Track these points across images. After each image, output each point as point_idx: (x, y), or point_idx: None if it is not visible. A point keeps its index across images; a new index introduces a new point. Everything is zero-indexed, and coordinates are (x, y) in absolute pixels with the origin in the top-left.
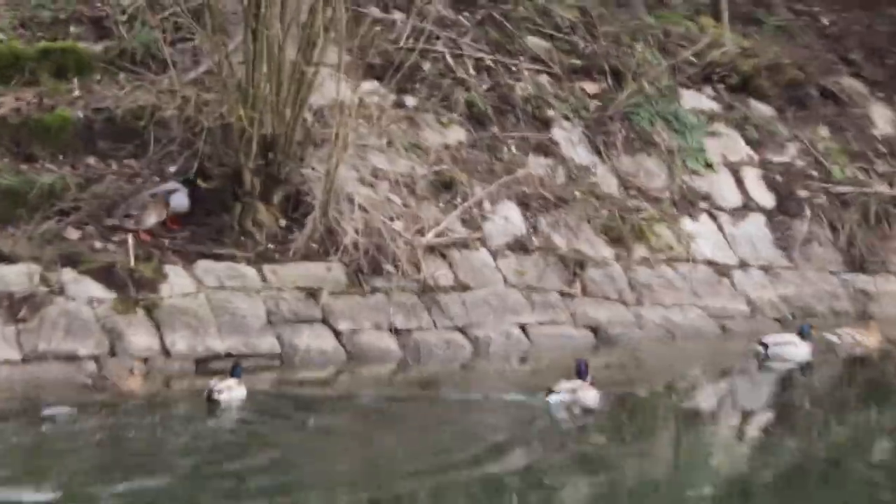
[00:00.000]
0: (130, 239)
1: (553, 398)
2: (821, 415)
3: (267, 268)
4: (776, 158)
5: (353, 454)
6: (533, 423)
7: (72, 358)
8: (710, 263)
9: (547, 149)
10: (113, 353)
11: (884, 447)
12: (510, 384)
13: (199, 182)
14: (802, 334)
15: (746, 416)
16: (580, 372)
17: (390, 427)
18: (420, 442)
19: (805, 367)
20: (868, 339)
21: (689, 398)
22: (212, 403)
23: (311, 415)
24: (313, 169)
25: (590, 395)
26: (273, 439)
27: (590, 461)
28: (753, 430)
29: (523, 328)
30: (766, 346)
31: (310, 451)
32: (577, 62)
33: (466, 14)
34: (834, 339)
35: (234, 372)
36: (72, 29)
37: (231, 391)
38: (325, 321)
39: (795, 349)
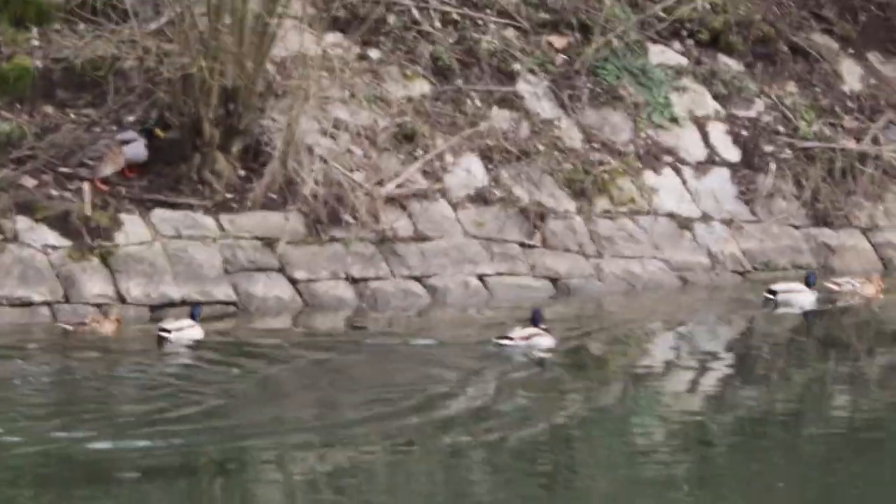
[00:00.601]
0: (87, 187)
1: (508, 343)
2: (781, 364)
3: (224, 217)
4: (743, 113)
5: (305, 399)
6: (486, 369)
7: (26, 304)
8: (672, 216)
9: (511, 102)
10: (67, 299)
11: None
12: (466, 332)
13: (158, 132)
14: (809, 283)
15: (705, 365)
16: (535, 319)
17: (343, 373)
18: (373, 388)
19: (809, 314)
20: (867, 289)
21: (646, 348)
22: (162, 342)
23: (264, 361)
24: (274, 120)
25: (544, 341)
26: (226, 385)
27: (541, 408)
28: (712, 379)
29: (482, 278)
30: (775, 293)
31: (262, 397)
32: (545, 16)
33: None
34: (835, 288)
35: (192, 313)
36: None
37: (182, 331)
38: (282, 270)
39: (803, 297)
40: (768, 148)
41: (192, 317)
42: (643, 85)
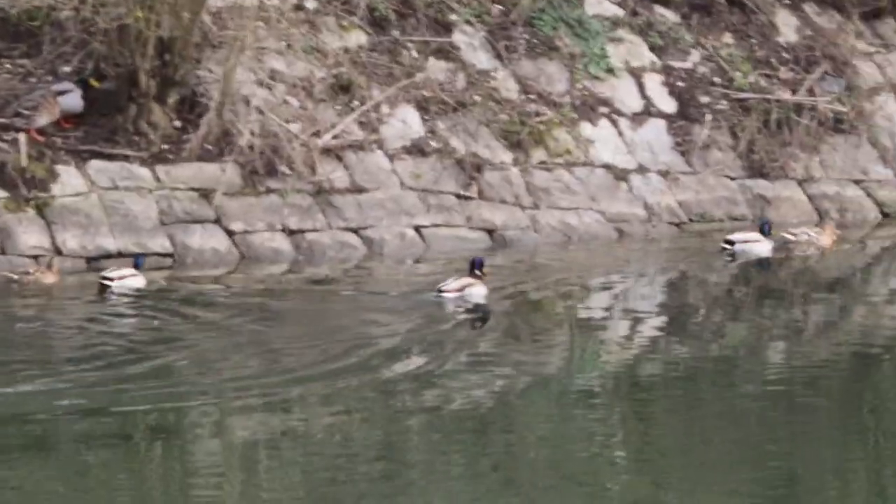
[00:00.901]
0: (22, 138)
1: (444, 296)
2: (719, 315)
3: (160, 168)
4: (679, 65)
5: (245, 357)
6: (423, 322)
7: None
8: (608, 168)
9: (448, 53)
10: (3, 251)
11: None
12: (403, 283)
13: (94, 82)
14: (763, 232)
15: (639, 317)
16: (474, 267)
17: (282, 326)
18: (313, 343)
19: (764, 263)
20: (822, 240)
21: (582, 300)
22: (104, 290)
23: (206, 309)
24: (210, 71)
25: (477, 292)
26: (165, 342)
27: (479, 361)
28: (647, 331)
29: (418, 230)
30: (732, 243)
31: (201, 355)
32: None
33: None
34: (791, 237)
35: (136, 262)
36: None
37: (124, 280)
38: (218, 222)
39: (760, 246)
40: (704, 99)
41: (136, 266)
42: (579, 36)
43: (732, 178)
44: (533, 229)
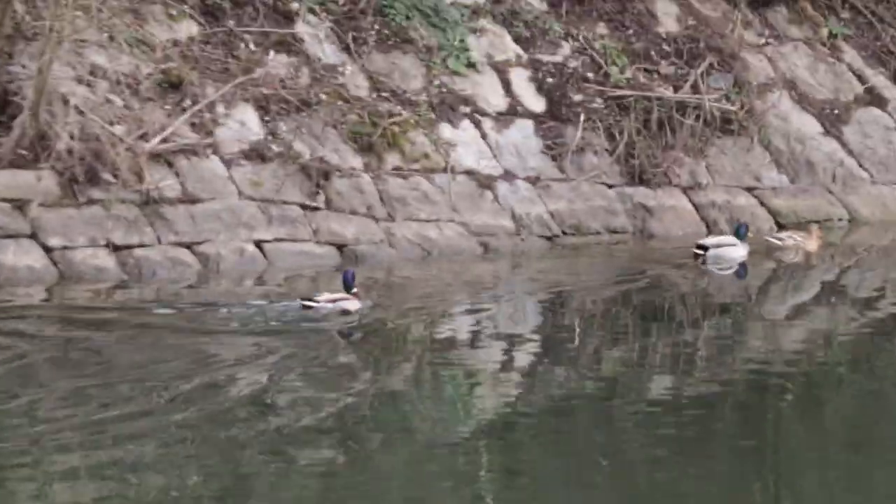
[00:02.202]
0: None
1: (314, 305)
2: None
3: None
4: (548, 58)
5: (63, 388)
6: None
7: None
8: (470, 174)
9: (290, 46)
10: None
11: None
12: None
13: None
14: (739, 235)
15: (507, 343)
16: (347, 282)
17: (107, 355)
18: (148, 371)
19: (741, 268)
20: (809, 244)
21: (439, 323)
22: None
23: (16, 339)
24: (23, 66)
25: (351, 304)
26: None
27: (328, 389)
28: (518, 361)
29: (259, 245)
30: (706, 248)
31: (11, 387)
32: None
33: None
34: (777, 242)
35: None
36: None
37: None
38: (33, 236)
39: (735, 251)
40: (577, 97)
41: None
42: (436, 26)
43: (610, 186)
44: (388, 243)
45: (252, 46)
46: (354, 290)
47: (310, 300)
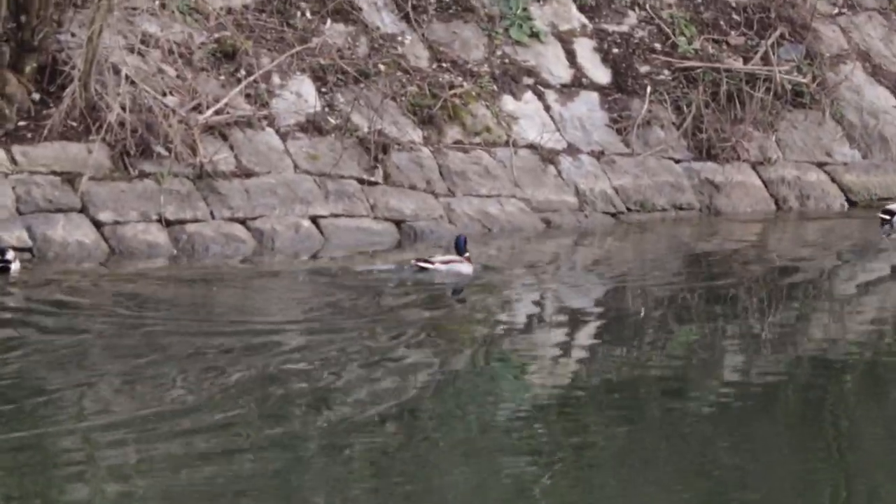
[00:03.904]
0: None
1: (429, 266)
2: None
3: (17, 149)
4: (613, 28)
5: (118, 373)
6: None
7: None
8: (533, 148)
9: (347, 14)
10: None
11: None
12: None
13: None
14: None
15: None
16: (459, 246)
17: (162, 343)
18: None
19: None
20: None
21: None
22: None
23: (65, 321)
24: (73, 35)
25: (464, 268)
26: (15, 355)
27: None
28: (584, 339)
29: (315, 221)
30: (893, 213)
31: (65, 372)
32: None
33: None
34: None
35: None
36: None
37: None
38: (84, 211)
39: None
40: (643, 68)
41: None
42: None
43: (677, 161)
44: (448, 220)
45: (308, 15)
46: (467, 254)
47: (425, 261)
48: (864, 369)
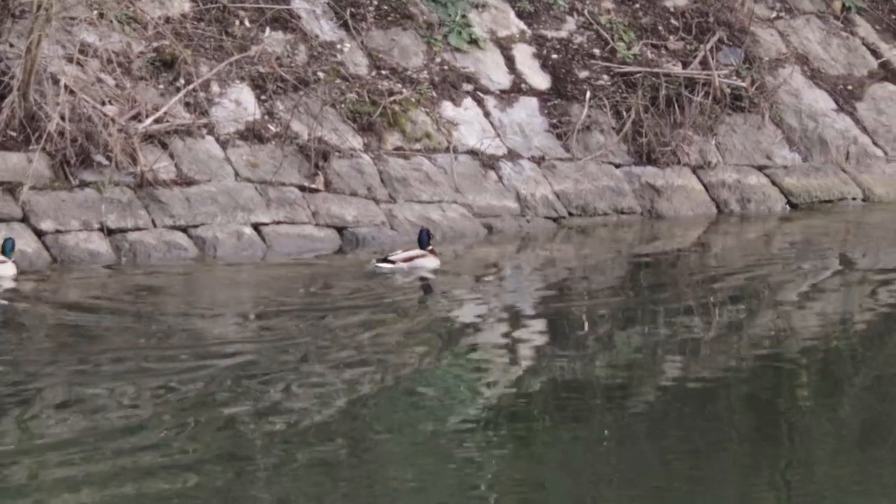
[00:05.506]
0: None
1: (388, 266)
2: None
3: None
4: (552, 34)
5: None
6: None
7: None
8: (474, 154)
9: (286, 22)
10: None
11: None
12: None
13: None
14: None
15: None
16: (422, 240)
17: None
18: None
19: None
20: None
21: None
22: None
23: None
24: (11, 45)
25: (429, 262)
26: None
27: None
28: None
29: (257, 228)
30: None
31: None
32: None
33: None
34: None
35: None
36: None
37: None
38: (25, 220)
39: None
40: (582, 74)
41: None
42: (437, 1)
43: (617, 166)
44: (389, 226)
45: (247, 23)
46: (430, 247)
47: (385, 260)
48: (810, 368)
